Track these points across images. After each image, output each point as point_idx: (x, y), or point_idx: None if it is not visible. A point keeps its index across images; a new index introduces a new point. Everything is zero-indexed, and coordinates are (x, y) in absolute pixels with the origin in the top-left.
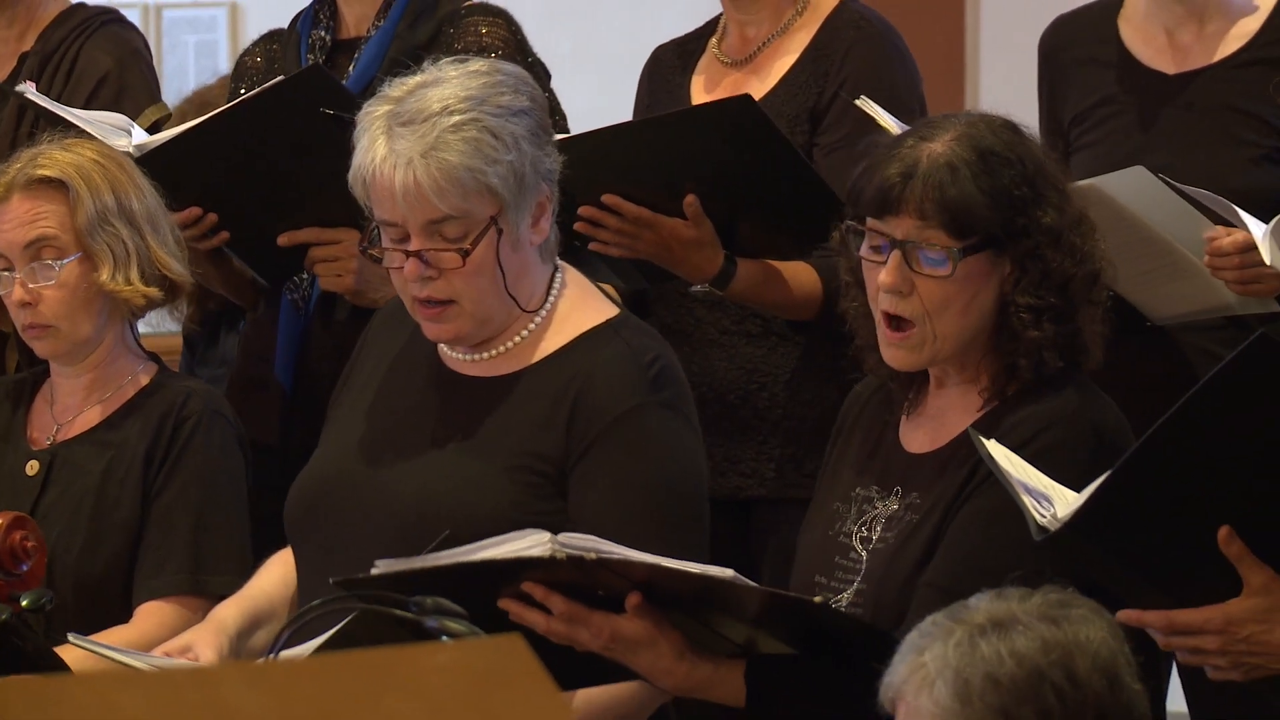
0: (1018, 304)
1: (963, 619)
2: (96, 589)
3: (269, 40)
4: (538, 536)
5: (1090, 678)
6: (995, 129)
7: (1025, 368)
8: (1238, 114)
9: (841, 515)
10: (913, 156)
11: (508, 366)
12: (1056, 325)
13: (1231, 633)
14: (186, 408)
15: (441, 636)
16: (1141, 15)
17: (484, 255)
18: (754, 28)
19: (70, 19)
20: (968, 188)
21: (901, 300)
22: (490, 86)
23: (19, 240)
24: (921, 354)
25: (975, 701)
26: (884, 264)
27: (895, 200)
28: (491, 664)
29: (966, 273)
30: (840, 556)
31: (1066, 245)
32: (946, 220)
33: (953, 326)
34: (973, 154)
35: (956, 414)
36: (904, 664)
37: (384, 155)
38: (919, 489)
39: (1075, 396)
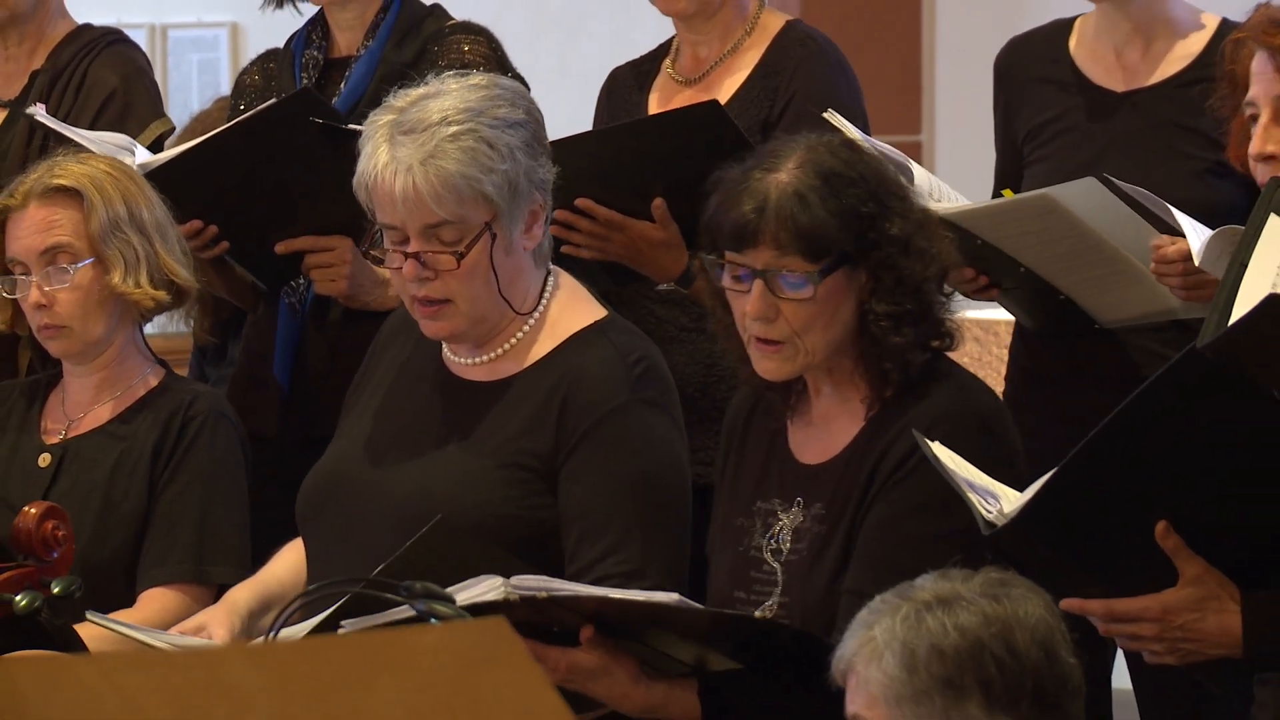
0: (876, 312)
1: (910, 596)
2: (102, 575)
3: (266, 59)
4: (491, 581)
5: (1028, 650)
6: (834, 150)
7: (892, 370)
8: (1182, 130)
9: (748, 530)
10: (761, 189)
11: (504, 370)
12: (915, 327)
13: (1168, 621)
14: (193, 408)
15: (430, 619)
16: (1091, 35)
17: (478, 258)
18: (705, 47)
19: (78, 39)
20: (818, 213)
21: (769, 325)
22: (488, 99)
23: (36, 246)
24: (794, 364)
25: (921, 671)
26: (747, 292)
27: (752, 234)
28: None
29: (827, 291)
30: (754, 571)
31: (915, 250)
32: (802, 247)
33: (820, 341)
34: (817, 179)
35: (843, 422)
36: (854, 638)
37: (385, 162)
38: (821, 499)
39: (953, 390)
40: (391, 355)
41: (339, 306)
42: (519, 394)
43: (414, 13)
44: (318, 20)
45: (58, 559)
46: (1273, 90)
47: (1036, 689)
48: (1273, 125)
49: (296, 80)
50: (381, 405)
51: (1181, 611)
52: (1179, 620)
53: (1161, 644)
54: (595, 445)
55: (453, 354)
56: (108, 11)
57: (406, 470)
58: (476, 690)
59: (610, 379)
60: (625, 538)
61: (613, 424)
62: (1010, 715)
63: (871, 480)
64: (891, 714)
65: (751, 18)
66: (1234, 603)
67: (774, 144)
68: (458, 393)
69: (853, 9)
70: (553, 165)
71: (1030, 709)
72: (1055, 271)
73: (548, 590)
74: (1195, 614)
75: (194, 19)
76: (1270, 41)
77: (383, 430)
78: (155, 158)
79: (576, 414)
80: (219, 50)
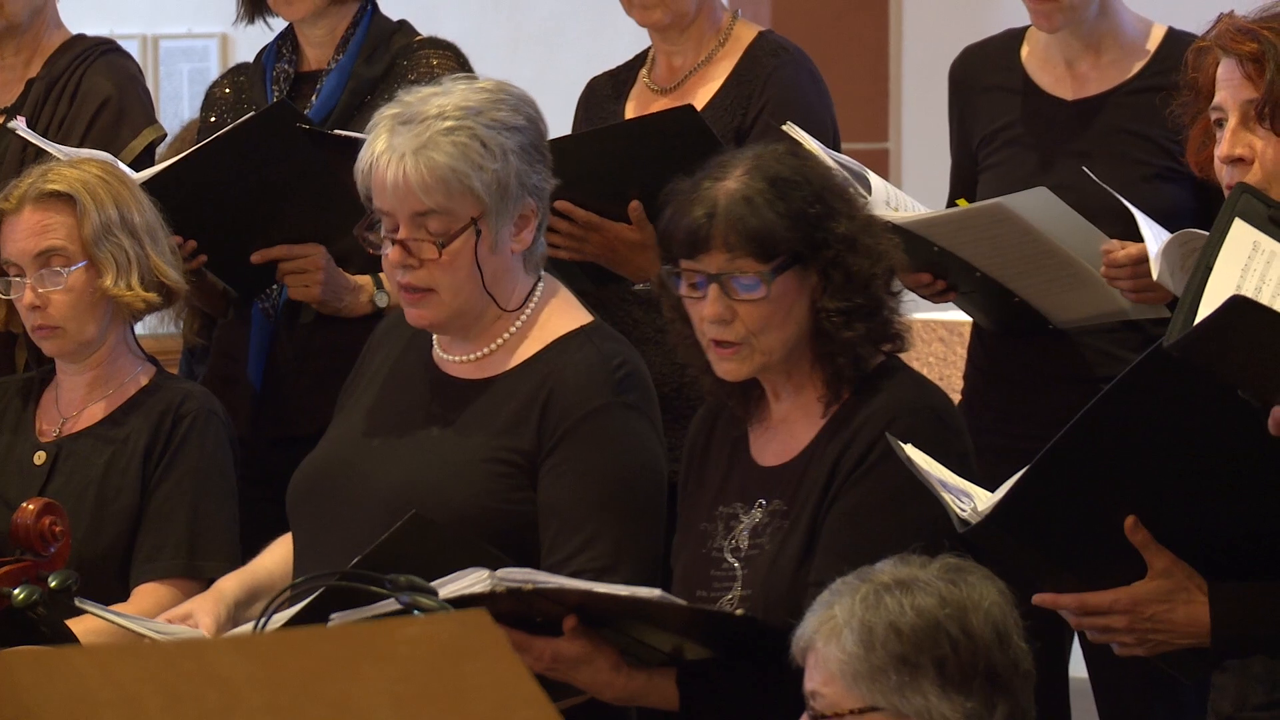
0: (828, 309)
1: (870, 578)
2: (96, 570)
3: (236, 73)
4: (478, 574)
5: (982, 632)
6: (779, 156)
7: (846, 365)
8: (1131, 136)
9: (710, 533)
10: (711, 197)
11: (491, 369)
12: (866, 322)
13: (1137, 612)
14: (184, 407)
15: (414, 611)
16: (1042, 46)
17: (460, 251)
18: (680, 57)
19: (72, 48)
20: (765, 215)
21: (726, 327)
22: (491, 102)
23: (30, 249)
24: (751, 364)
25: (878, 649)
26: (703, 298)
27: (704, 239)
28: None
29: (779, 291)
30: (714, 569)
31: (862, 248)
32: (753, 248)
33: (776, 339)
34: (764, 183)
35: (802, 424)
36: (814, 617)
37: (382, 150)
38: (781, 497)
39: (908, 387)
40: (384, 353)
41: (310, 311)
42: (505, 392)
43: (383, 29)
44: (287, 35)
45: (55, 554)
46: (1240, 96)
47: (988, 670)
48: (1240, 129)
49: (267, 93)
50: (374, 401)
51: (1151, 603)
52: (1149, 612)
53: (1132, 635)
54: (575, 444)
55: (443, 351)
56: (102, 22)
57: (395, 462)
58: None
59: (593, 382)
60: (600, 534)
61: (593, 424)
62: (962, 694)
63: (834, 475)
64: (849, 690)
65: (725, 29)
66: (1201, 594)
67: (723, 156)
68: (446, 389)
69: (822, 20)
70: (551, 175)
71: (981, 689)
72: (1009, 275)
73: (533, 583)
74: (1164, 605)
75: (185, 30)
76: (1238, 48)
77: (374, 424)
78: (135, 176)
79: (559, 413)
80: (209, 60)
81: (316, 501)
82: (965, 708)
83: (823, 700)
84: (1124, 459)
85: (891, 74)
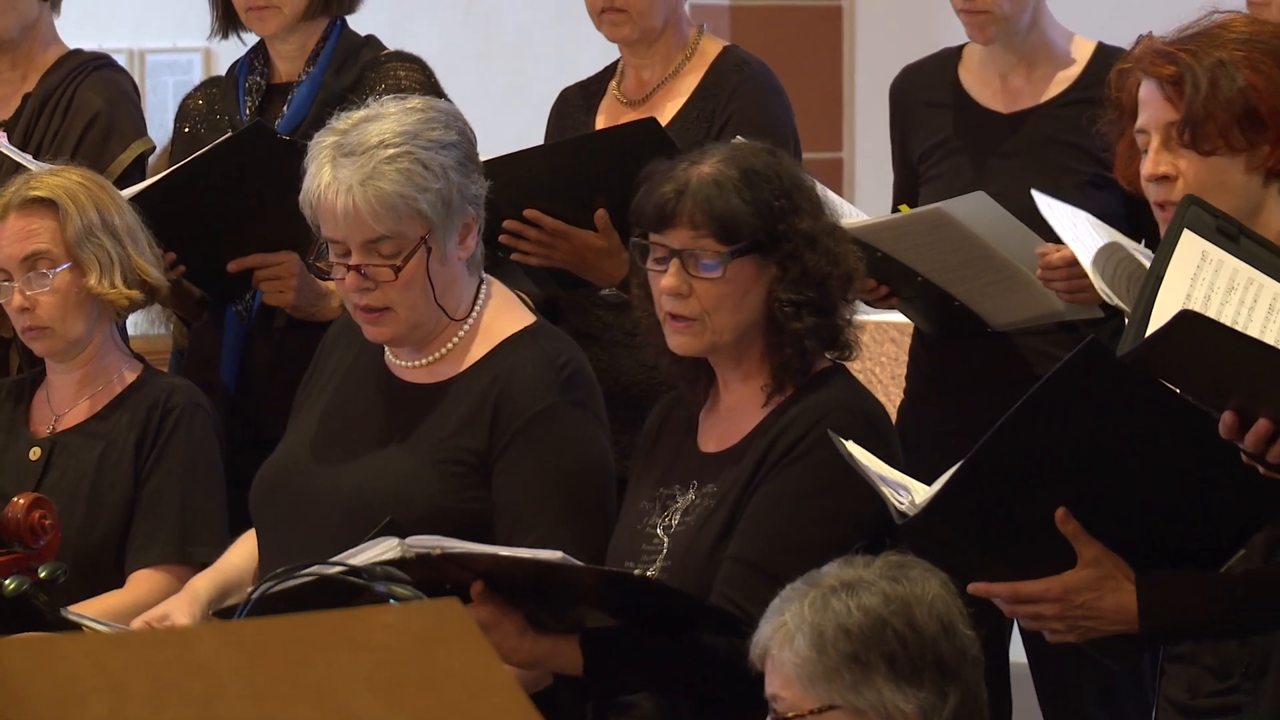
0: (781, 299)
1: (817, 583)
2: (93, 560)
3: (210, 85)
4: (389, 543)
5: (928, 624)
6: (756, 151)
7: (792, 356)
8: (1063, 146)
9: (647, 511)
10: (684, 177)
11: (442, 373)
12: (816, 318)
13: (1068, 600)
14: (171, 401)
15: (389, 600)
16: (978, 62)
17: (414, 270)
18: (648, 71)
19: (67, 63)
20: (732, 200)
21: (682, 301)
22: (424, 123)
23: (16, 254)
24: (702, 340)
25: (830, 650)
26: (665, 271)
27: (671, 215)
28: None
29: (736, 274)
30: (645, 544)
31: (822, 248)
32: (716, 229)
33: (728, 321)
34: (736, 171)
35: (745, 414)
36: (768, 624)
37: (328, 182)
38: (713, 480)
39: (845, 390)
40: (337, 358)
41: (283, 315)
42: (455, 395)
43: (351, 42)
44: (259, 49)
45: (44, 546)
46: (1162, 118)
47: (937, 661)
48: (1163, 149)
49: (240, 104)
50: (327, 405)
51: (1081, 591)
52: (1079, 600)
53: (1062, 623)
54: (526, 443)
55: (394, 358)
56: (91, 36)
57: (351, 465)
58: (431, 665)
59: (539, 381)
60: (555, 528)
61: (542, 423)
62: (914, 686)
63: (762, 462)
64: (806, 691)
65: (691, 44)
66: (1129, 582)
67: (706, 145)
68: (399, 394)
69: (779, 35)
70: (484, 180)
71: (932, 679)
72: (950, 280)
73: (441, 548)
74: (1094, 593)
75: (170, 44)
76: (1158, 72)
77: (329, 428)
78: (124, 193)
79: (508, 414)
80: (193, 73)
81: (278, 504)
82: (918, 698)
83: (783, 703)
84: (1055, 452)
85: (845, 88)
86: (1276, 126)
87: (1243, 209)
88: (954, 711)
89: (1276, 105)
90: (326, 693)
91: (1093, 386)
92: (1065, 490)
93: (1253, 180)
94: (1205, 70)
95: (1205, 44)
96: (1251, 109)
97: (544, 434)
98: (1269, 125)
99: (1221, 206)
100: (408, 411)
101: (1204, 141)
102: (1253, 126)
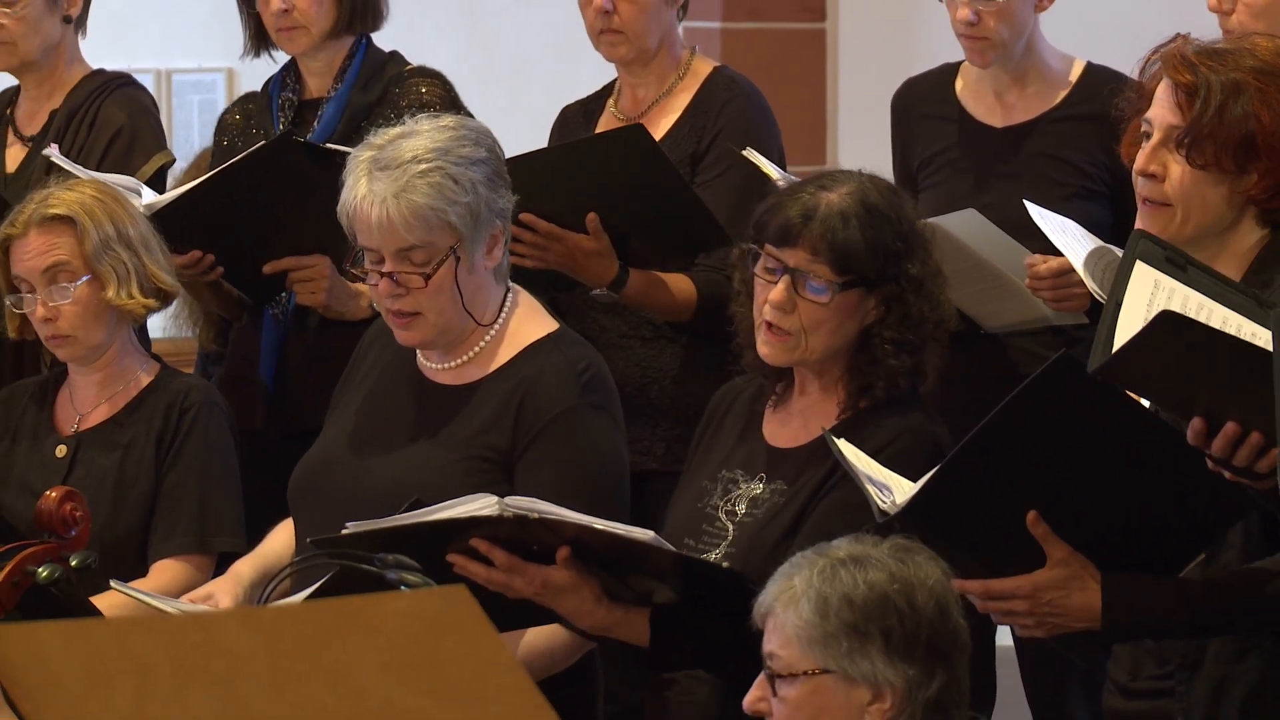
0: (883, 336)
1: (827, 554)
2: (118, 551)
3: (246, 101)
4: (487, 499)
5: (925, 606)
6: (882, 190)
7: (880, 389)
8: (1053, 160)
9: (709, 491)
10: (813, 202)
11: (470, 375)
12: (911, 357)
13: (1037, 597)
14: (188, 400)
15: (400, 586)
16: (974, 78)
17: (444, 278)
18: (643, 89)
19: (91, 82)
20: (853, 235)
21: (784, 316)
22: (455, 140)
23: (38, 268)
24: (791, 355)
25: (832, 617)
26: (775, 284)
27: (794, 235)
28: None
29: (841, 302)
30: (707, 525)
31: (926, 292)
32: (832, 259)
33: (821, 343)
34: (861, 207)
35: (817, 418)
36: (775, 586)
37: (364, 194)
38: (783, 477)
39: (920, 416)
40: (372, 359)
41: (317, 315)
42: (482, 396)
43: (376, 59)
44: (290, 66)
45: (76, 536)
46: (1168, 119)
47: (930, 641)
48: (1160, 148)
49: (274, 118)
50: (363, 403)
51: (1049, 589)
52: (1047, 597)
53: (1031, 618)
54: (548, 442)
55: (425, 360)
56: (120, 57)
57: (384, 461)
58: (439, 648)
59: (561, 385)
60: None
61: (563, 424)
62: (906, 662)
63: (833, 470)
64: (804, 653)
65: (684, 64)
66: (1095, 582)
67: (835, 170)
68: (429, 394)
69: (767, 56)
70: (511, 195)
71: (923, 658)
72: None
73: (539, 512)
74: (1061, 591)
75: (195, 65)
76: (1176, 76)
77: (363, 426)
78: (159, 198)
79: (531, 415)
80: (216, 92)
81: (315, 497)
82: (908, 674)
83: (779, 661)
84: (1027, 459)
85: (829, 104)
86: (1269, 159)
87: (1214, 226)
88: (938, 691)
89: (1274, 140)
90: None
91: (1062, 398)
92: (1036, 494)
93: (1232, 202)
94: (1219, 89)
95: (1228, 63)
96: (1249, 137)
97: (564, 434)
98: (1262, 156)
99: (1195, 218)
100: (437, 411)
101: (1198, 156)
102: (1247, 154)
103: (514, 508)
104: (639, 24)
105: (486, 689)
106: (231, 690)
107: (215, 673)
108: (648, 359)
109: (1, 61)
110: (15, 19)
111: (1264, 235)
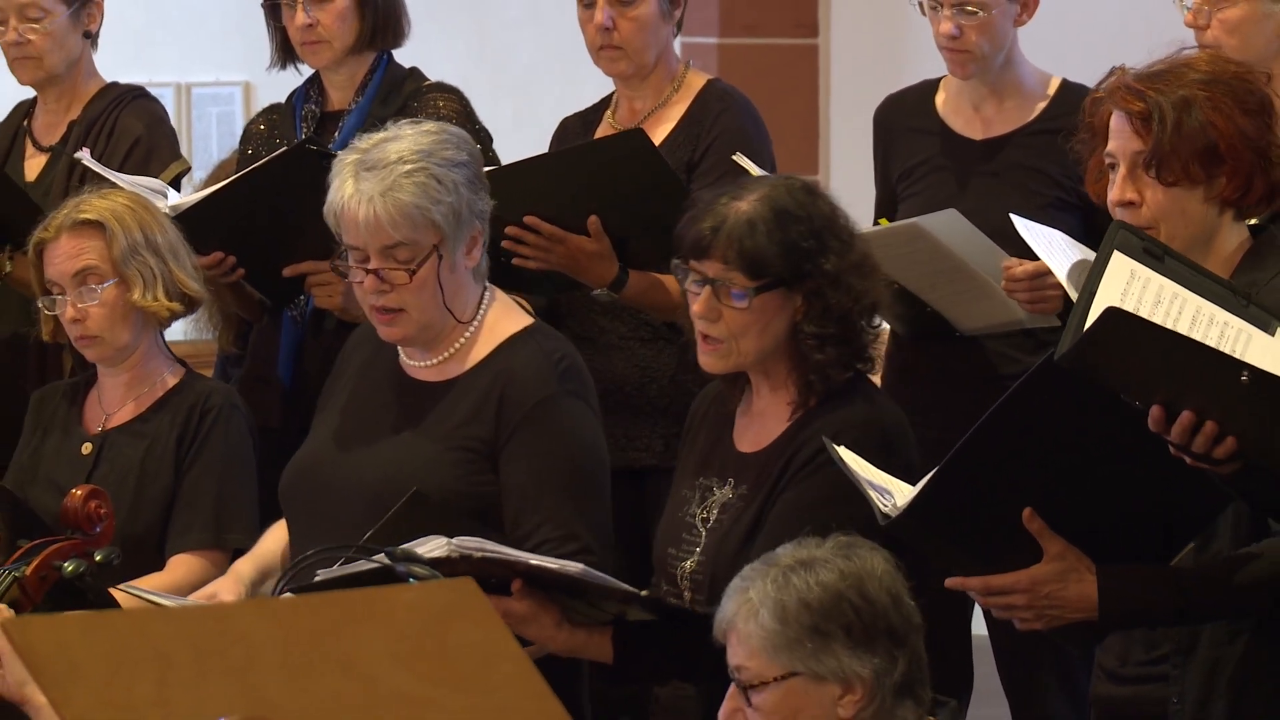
0: (805, 332)
1: (775, 562)
2: (137, 545)
3: (270, 112)
4: (437, 541)
5: (879, 596)
6: (793, 191)
7: (816, 382)
8: (1030, 171)
9: (688, 500)
10: (723, 213)
11: (450, 371)
12: (838, 349)
13: (1035, 591)
14: (209, 402)
15: (409, 579)
16: (955, 93)
17: (427, 274)
18: (640, 101)
19: (108, 94)
20: (761, 241)
21: (712, 324)
22: (438, 143)
23: (68, 271)
24: (727, 361)
25: (792, 622)
26: (699, 294)
27: (706, 247)
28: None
29: (762, 305)
30: (686, 533)
31: (845, 285)
32: (744, 266)
33: (752, 345)
34: (770, 211)
35: (775, 420)
36: (731, 601)
37: (351, 193)
38: (746, 482)
39: (863, 406)
40: (357, 361)
41: (333, 318)
42: (463, 390)
43: (396, 74)
44: (314, 79)
45: (100, 532)
46: (1130, 148)
47: (889, 629)
48: (1129, 177)
49: (297, 129)
50: (347, 403)
51: (1047, 583)
52: (1045, 591)
53: (1030, 612)
54: (528, 430)
55: (407, 358)
56: (141, 71)
57: (371, 457)
58: (447, 638)
59: (538, 375)
60: (558, 506)
61: (542, 412)
62: (869, 652)
63: (785, 471)
64: (770, 661)
65: (679, 77)
66: (1090, 574)
67: (749, 180)
68: (412, 391)
69: (761, 67)
70: (490, 199)
71: (884, 646)
72: (922, 287)
73: (482, 551)
74: (1058, 585)
75: (213, 78)
76: (1127, 106)
77: (349, 424)
78: (184, 200)
79: (512, 405)
80: (234, 105)
81: (305, 495)
82: (873, 664)
83: (748, 672)
84: (1019, 460)
85: (821, 116)
86: (1233, 161)
87: (1200, 235)
88: (903, 674)
89: (1234, 142)
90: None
91: (1051, 400)
92: (1030, 492)
93: (1210, 209)
94: (1171, 108)
95: (1172, 82)
96: (1211, 145)
97: (544, 421)
98: (1226, 160)
99: (1180, 231)
100: (420, 406)
101: (1167, 174)
102: (1211, 161)
103: (461, 548)
104: (638, 40)
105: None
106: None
107: (232, 661)
108: (647, 359)
109: (28, 74)
110: (43, 34)
111: (1245, 240)
